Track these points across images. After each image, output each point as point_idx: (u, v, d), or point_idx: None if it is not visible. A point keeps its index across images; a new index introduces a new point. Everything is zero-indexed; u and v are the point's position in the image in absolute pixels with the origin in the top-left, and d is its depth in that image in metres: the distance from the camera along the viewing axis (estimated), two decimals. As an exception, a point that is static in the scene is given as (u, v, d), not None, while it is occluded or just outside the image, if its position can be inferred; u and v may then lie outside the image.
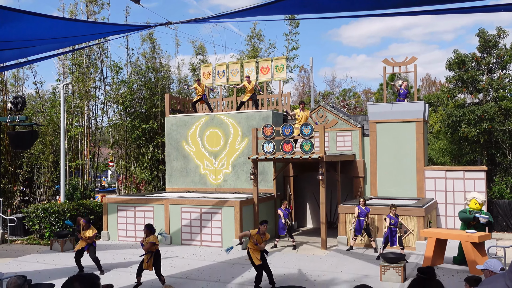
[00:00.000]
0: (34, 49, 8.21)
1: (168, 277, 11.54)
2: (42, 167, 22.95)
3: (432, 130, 26.95)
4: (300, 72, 44.83)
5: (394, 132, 17.00)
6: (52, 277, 11.36)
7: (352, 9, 6.32)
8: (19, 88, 24.44)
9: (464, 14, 6.00)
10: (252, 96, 18.31)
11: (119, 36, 10.95)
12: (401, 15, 6.65)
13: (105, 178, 45.95)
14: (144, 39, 25.18)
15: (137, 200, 16.73)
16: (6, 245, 16.74)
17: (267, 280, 10.46)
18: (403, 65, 17.52)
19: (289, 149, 14.78)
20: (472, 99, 20.92)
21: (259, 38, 27.49)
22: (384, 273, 10.84)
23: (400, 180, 16.88)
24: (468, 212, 12.29)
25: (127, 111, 24.17)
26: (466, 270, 11.47)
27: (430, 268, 4.44)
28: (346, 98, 38.70)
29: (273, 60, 19.14)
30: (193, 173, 18.82)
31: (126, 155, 24.53)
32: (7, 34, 6.65)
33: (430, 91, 44.70)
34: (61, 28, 7.19)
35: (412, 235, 14.07)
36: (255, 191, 15.58)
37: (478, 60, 20.24)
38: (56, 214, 16.87)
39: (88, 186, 23.02)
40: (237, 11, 6.54)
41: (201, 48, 26.94)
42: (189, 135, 18.93)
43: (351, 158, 17.27)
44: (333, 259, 13.18)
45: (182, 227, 15.79)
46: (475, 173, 16.25)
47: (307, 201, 19.73)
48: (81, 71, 23.75)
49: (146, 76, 24.68)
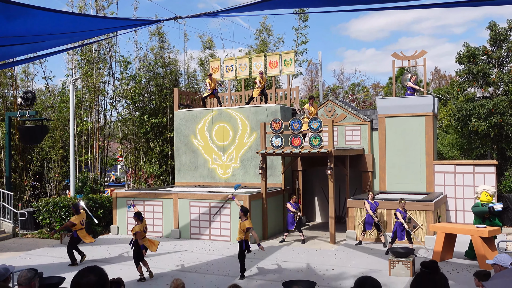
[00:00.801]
0: (44, 44, 8.24)
1: (177, 271, 11.62)
2: (52, 161, 23.11)
3: (442, 124, 26.78)
4: (309, 66, 44.67)
5: (403, 126, 16.92)
6: (62, 270, 11.47)
7: (364, 2, 6.28)
8: (29, 83, 24.61)
9: (475, 7, 5.93)
10: (262, 91, 18.29)
11: (128, 30, 10.98)
12: (414, 8, 6.59)
13: (114, 173, 46.18)
14: (152, 33, 25.21)
15: (146, 194, 16.81)
16: (17, 238, 16.91)
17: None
18: (412, 58, 17.40)
19: (298, 143, 14.76)
20: (483, 93, 20.72)
21: (268, 32, 27.43)
22: (393, 267, 10.83)
23: (409, 174, 16.81)
24: (480, 205, 12.20)
25: (136, 105, 24.25)
26: (476, 264, 11.42)
27: (434, 263, 4.43)
28: (355, 92, 38.54)
29: (282, 54, 19.08)
30: (202, 168, 18.86)
31: (135, 149, 24.63)
32: (17, 29, 6.69)
33: (440, 85, 44.40)
34: (70, 23, 7.22)
35: (422, 230, 14.02)
36: (263, 185, 15.59)
37: (489, 54, 20.04)
38: (66, 208, 17.00)
39: (98, 180, 23.16)
40: (246, 5, 6.52)
41: (209, 43, 26.93)
42: (197, 129, 18.96)
43: (360, 152, 17.22)
44: (341, 253, 13.17)
45: (191, 221, 15.85)
46: (485, 167, 16.14)
47: (315, 196, 19.72)
48: (90, 66, 23.84)
49: (155, 70, 24.72)
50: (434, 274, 4.31)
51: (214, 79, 19.21)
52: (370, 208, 13.89)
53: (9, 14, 6.03)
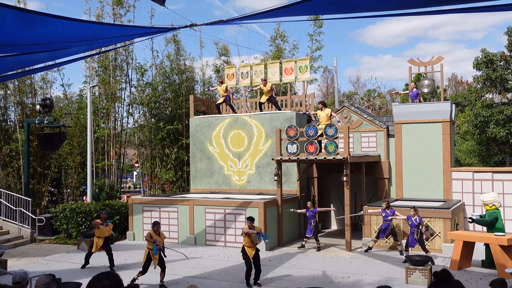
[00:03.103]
0: (62, 52, 8.37)
1: (192, 277, 11.63)
2: (69, 168, 23.37)
3: (459, 131, 26.48)
4: (324, 72, 44.65)
5: (420, 133, 16.76)
6: (79, 276, 11.56)
7: (381, 9, 6.25)
8: (48, 90, 24.97)
9: (494, 12, 5.87)
10: (269, 98, 18.28)
11: (144, 38, 11.07)
12: (432, 14, 6.54)
13: (130, 179, 46.53)
14: (168, 41, 25.43)
15: (162, 201, 16.89)
16: (34, 244, 17.11)
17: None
18: (429, 64, 17.27)
19: (313, 150, 14.72)
20: (501, 99, 20.49)
21: (283, 39, 27.47)
22: (410, 275, 10.70)
23: (426, 181, 16.63)
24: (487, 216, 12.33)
25: (152, 112, 24.44)
26: (495, 273, 11.24)
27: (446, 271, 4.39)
28: (371, 98, 38.34)
29: (297, 61, 19.08)
30: (217, 174, 18.90)
31: (151, 156, 24.80)
32: (37, 37, 6.80)
33: (457, 91, 43.93)
34: (88, 31, 7.32)
35: (439, 238, 13.85)
36: (279, 192, 15.56)
37: (507, 59, 19.80)
38: (83, 214, 17.15)
39: (114, 186, 23.35)
40: (261, 12, 6.54)
41: (224, 49, 27.05)
42: (213, 136, 19.02)
43: (376, 159, 17.10)
44: (357, 261, 13.06)
45: (206, 228, 15.87)
46: (504, 174, 15.90)
47: (331, 203, 19.61)
48: (107, 74, 24.12)
49: (171, 77, 24.92)
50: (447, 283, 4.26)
51: (224, 86, 19.16)
52: (384, 218, 13.79)
53: (29, 22, 6.15)
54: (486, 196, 12.41)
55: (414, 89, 17.44)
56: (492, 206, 12.22)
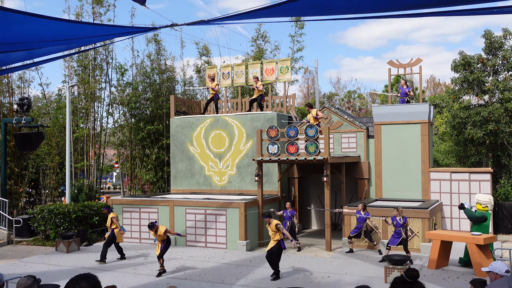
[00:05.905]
0: (40, 50, 8.26)
1: (173, 278, 11.57)
2: (47, 168, 23.02)
3: (437, 132, 26.88)
4: (305, 73, 44.78)
5: (399, 134, 16.97)
6: (57, 278, 11.41)
7: (361, 11, 6.32)
8: (25, 90, 24.56)
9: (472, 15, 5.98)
10: (258, 96, 18.31)
11: (124, 38, 10.97)
12: (411, 16, 6.64)
13: (110, 180, 46.06)
14: (149, 40, 25.24)
15: (142, 201, 16.77)
16: (11, 246, 16.81)
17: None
18: (408, 66, 17.50)
19: (294, 150, 14.78)
20: (478, 101, 20.85)
21: (264, 39, 27.50)
22: (389, 275, 10.82)
23: (405, 181, 16.84)
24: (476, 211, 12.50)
25: (132, 112, 24.23)
26: (471, 272, 11.44)
27: (414, 272, 4.51)
28: (351, 99, 38.64)
29: (278, 62, 19.16)
30: (198, 175, 18.85)
31: (131, 156, 24.58)
32: (14, 36, 6.70)
33: (435, 93, 44.58)
34: (67, 30, 7.23)
35: (417, 237, 14.04)
36: (259, 192, 15.58)
37: (484, 62, 20.17)
38: (62, 216, 16.91)
39: (93, 187, 23.08)
40: (242, 13, 6.55)
41: (205, 50, 26.96)
42: (194, 136, 18.96)
43: (355, 159, 17.25)
44: (337, 261, 13.16)
45: (187, 229, 15.80)
46: (480, 175, 16.20)
47: (311, 203, 19.71)
48: (87, 73, 23.84)
49: (151, 77, 24.74)
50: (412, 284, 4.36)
51: (215, 83, 19.18)
52: (358, 220, 13.91)
53: (6, 20, 6.05)
54: (481, 197, 12.67)
55: (404, 86, 17.60)
56: (484, 207, 12.46)
